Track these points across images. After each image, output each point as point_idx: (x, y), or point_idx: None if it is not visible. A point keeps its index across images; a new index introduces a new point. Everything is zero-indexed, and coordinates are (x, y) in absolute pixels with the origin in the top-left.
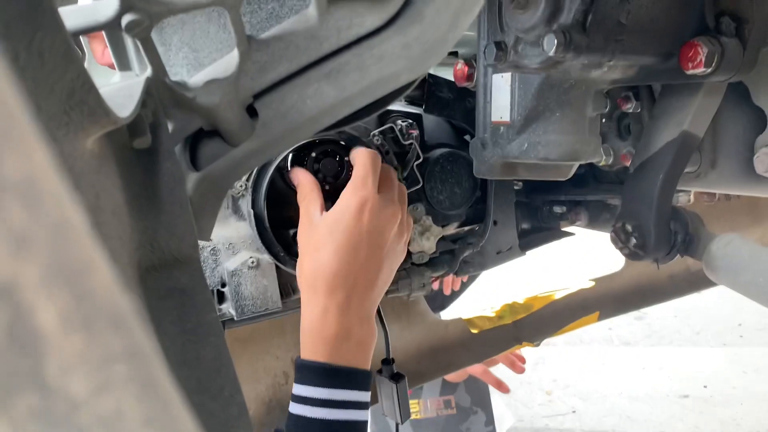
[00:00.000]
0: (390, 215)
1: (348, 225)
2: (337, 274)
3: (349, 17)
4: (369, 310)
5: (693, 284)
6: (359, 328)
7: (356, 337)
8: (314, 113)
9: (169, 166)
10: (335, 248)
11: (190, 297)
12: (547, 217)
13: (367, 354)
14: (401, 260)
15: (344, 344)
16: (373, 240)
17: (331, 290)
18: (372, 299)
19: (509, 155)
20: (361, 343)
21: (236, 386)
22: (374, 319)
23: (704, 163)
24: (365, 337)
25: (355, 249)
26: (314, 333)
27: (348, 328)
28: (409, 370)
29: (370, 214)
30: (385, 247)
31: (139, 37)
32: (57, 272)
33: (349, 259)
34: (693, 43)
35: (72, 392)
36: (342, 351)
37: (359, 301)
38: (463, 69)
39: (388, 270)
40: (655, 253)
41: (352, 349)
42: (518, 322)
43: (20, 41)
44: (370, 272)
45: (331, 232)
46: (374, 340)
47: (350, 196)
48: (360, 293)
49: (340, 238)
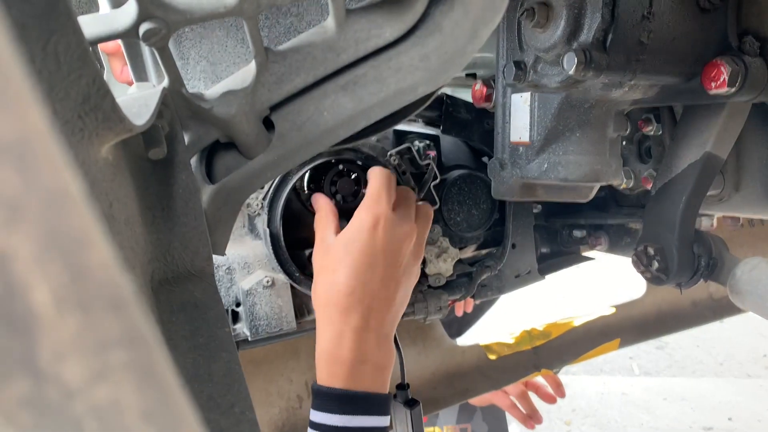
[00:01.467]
0: (405, 233)
1: (363, 243)
2: (352, 294)
3: (367, 29)
4: (387, 331)
5: (716, 312)
6: (377, 350)
7: (374, 360)
8: (331, 125)
9: (184, 178)
10: (350, 268)
11: (203, 311)
12: (566, 241)
13: (385, 377)
14: (415, 281)
15: (361, 368)
16: (389, 258)
17: (347, 312)
18: (389, 320)
19: (528, 176)
20: (378, 366)
21: (248, 403)
22: (392, 341)
23: (728, 186)
24: (383, 359)
25: (371, 267)
26: (330, 357)
27: (365, 351)
28: (425, 395)
29: (384, 231)
30: (402, 266)
31: (157, 47)
32: (52, 245)
33: (365, 278)
34: (716, 62)
35: (66, 379)
36: (359, 375)
37: (376, 322)
38: (481, 89)
39: (405, 289)
40: (678, 277)
41: (370, 373)
42: (537, 349)
43: (36, 43)
44: (387, 291)
45: (347, 251)
46: (392, 362)
47: (363, 215)
48: (376, 314)
49: (356, 257)
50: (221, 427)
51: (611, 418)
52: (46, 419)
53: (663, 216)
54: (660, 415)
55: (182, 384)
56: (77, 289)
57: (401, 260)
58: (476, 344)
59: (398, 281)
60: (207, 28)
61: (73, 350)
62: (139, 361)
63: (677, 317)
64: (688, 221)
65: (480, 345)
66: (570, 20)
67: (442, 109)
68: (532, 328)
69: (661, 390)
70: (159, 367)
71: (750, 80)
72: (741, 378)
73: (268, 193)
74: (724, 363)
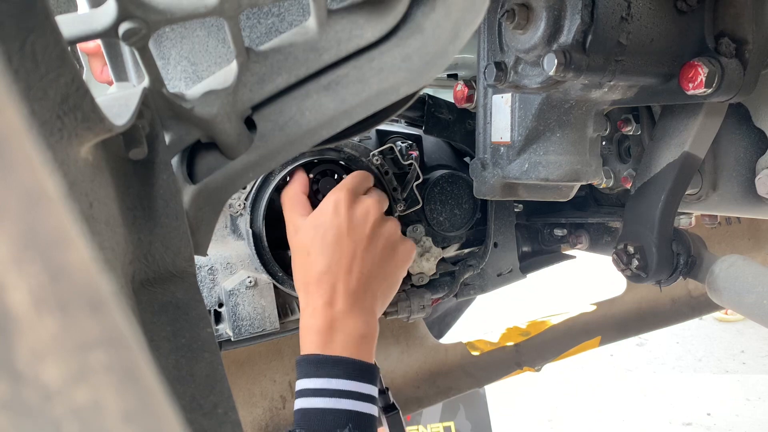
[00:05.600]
0: (368, 205)
1: (327, 222)
2: (326, 272)
3: (348, 29)
4: (364, 302)
5: (695, 309)
6: (353, 319)
7: (350, 329)
8: (313, 125)
9: (165, 178)
10: (321, 248)
11: (185, 312)
12: (547, 239)
13: (365, 346)
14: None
15: (337, 336)
16: (355, 230)
17: (320, 287)
18: (367, 290)
19: (510, 176)
20: (356, 335)
21: (231, 404)
22: (375, 313)
23: (705, 185)
24: (362, 328)
25: (338, 244)
26: (308, 329)
27: (338, 318)
28: (408, 395)
29: (346, 207)
30: (370, 236)
31: (137, 47)
32: (30, 245)
33: (334, 255)
34: (693, 63)
35: (45, 380)
36: (336, 343)
37: (347, 291)
38: (463, 90)
39: (383, 258)
40: (657, 275)
41: (344, 340)
42: (520, 347)
43: (13, 42)
44: (357, 262)
45: (316, 233)
46: (374, 334)
47: (326, 198)
48: (348, 284)
49: (324, 237)
50: (204, 428)
51: (592, 414)
52: (24, 421)
53: (642, 215)
54: (640, 411)
55: (164, 385)
56: (56, 289)
57: (368, 230)
58: (459, 342)
59: (369, 251)
60: (188, 28)
61: (52, 351)
62: (119, 362)
63: (657, 315)
64: (667, 220)
65: (463, 343)
66: (550, 22)
67: (425, 110)
68: (515, 326)
69: (641, 386)
70: (140, 368)
71: (726, 81)
72: (719, 374)
73: (251, 193)
74: (703, 359)
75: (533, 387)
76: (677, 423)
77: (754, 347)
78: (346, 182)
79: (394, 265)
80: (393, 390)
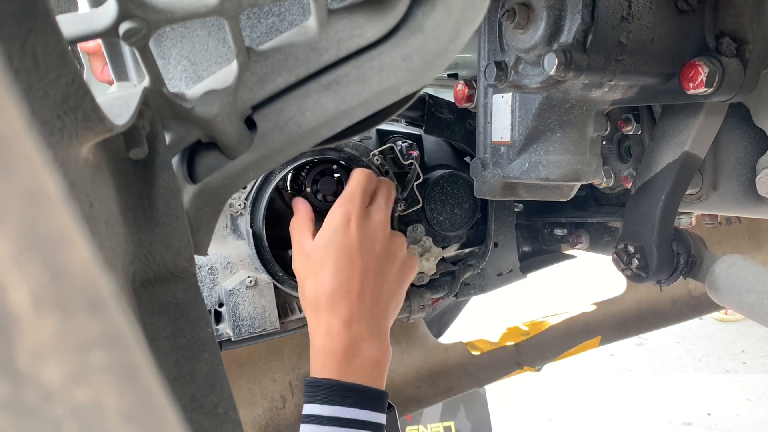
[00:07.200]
0: (378, 222)
1: (338, 241)
2: (338, 290)
3: (349, 29)
4: (378, 324)
5: (695, 309)
6: (369, 343)
7: (366, 354)
8: (313, 125)
9: (165, 178)
10: (333, 267)
11: (185, 312)
12: (548, 239)
13: (379, 372)
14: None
15: (353, 360)
16: (366, 249)
17: (333, 306)
18: (379, 310)
19: (510, 175)
20: (371, 360)
21: (231, 403)
22: (387, 336)
23: (706, 184)
24: (376, 353)
25: (350, 262)
26: (322, 350)
27: (356, 342)
28: (408, 395)
29: (357, 224)
30: (381, 254)
31: (137, 46)
32: (31, 245)
33: (347, 274)
34: (694, 63)
35: (45, 380)
36: (351, 367)
37: (362, 312)
38: (463, 90)
39: (392, 277)
40: (657, 275)
41: (362, 366)
42: (520, 347)
43: (14, 42)
44: (369, 281)
45: (327, 252)
46: (388, 358)
47: (335, 213)
48: (362, 304)
49: (335, 256)
50: (204, 427)
51: (593, 414)
52: (24, 421)
53: (642, 214)
54: (640, 411)
55: (164, 385)
56: (56, 289)
57: (378, 249)
58: (459, 342)
59: (380, 270)
60: (188, 28)
61: (52, 351)
62: (119, 361)
63: (657, 314)
64: (667, 219)
65: (463, 342)
66: (550, 21)
67: (425, 109)
68: (515, 326)
69: (642, 386)
70: (140, 368)
71: (727, 81)
72: (720, 374)
73: (251, 193)
74: (703, 359)
75: (533, 387)
76: (677, 423)
77: (754, 347)
78: (354, 192)
79: (401, 281)
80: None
